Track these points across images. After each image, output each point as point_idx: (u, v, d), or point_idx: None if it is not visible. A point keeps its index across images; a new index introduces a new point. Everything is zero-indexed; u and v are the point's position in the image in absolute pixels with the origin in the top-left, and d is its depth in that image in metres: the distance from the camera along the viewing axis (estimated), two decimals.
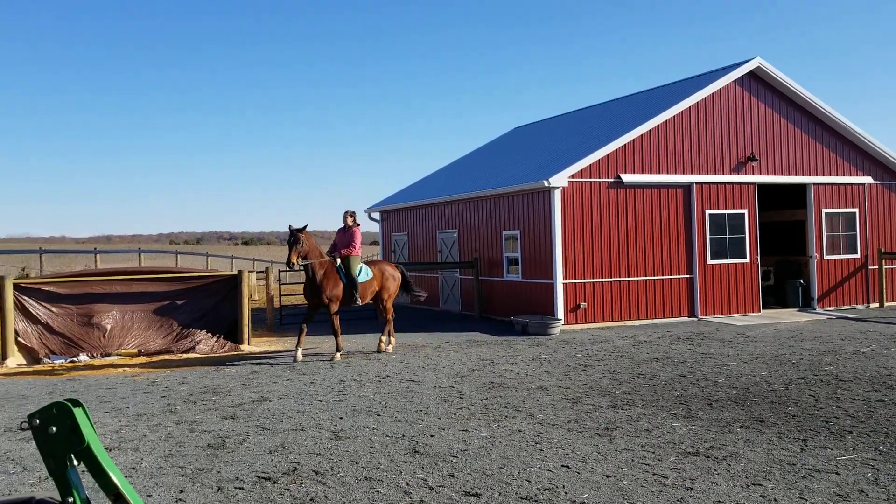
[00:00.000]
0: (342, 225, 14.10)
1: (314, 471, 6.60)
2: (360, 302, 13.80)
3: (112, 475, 2.54)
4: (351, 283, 13.64)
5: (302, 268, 13.35)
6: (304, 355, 13.53)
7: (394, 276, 14.66)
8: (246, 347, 15.12)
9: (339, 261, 13.68)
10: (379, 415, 8.82)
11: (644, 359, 12.74)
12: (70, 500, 2.54)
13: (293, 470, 6.64)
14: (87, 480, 2.81)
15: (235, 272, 15.82)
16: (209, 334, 14.94)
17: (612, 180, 17.72)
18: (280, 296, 20.81)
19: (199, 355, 14.36)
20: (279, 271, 19.98)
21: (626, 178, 17.77)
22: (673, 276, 18.37)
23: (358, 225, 14.13)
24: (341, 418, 8.67)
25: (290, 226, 13.13)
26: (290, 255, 12.99)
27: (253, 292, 24.79)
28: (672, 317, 18.37)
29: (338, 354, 13.48)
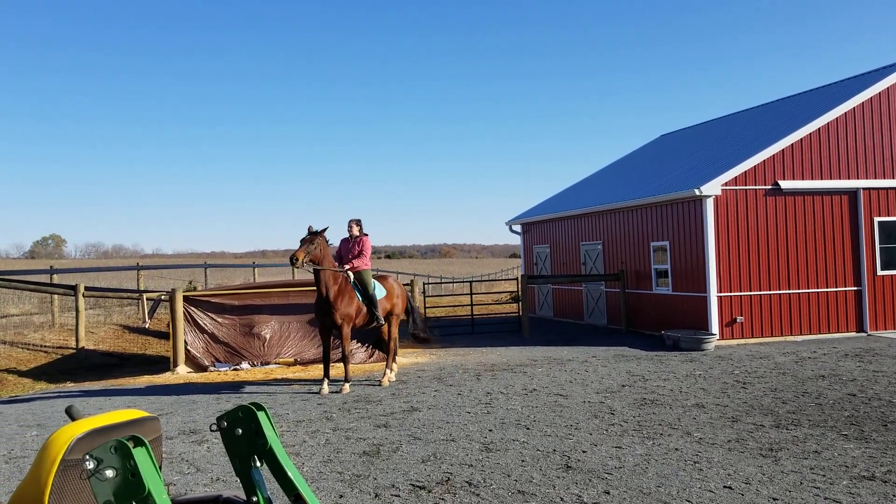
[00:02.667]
0: (346, 235, 12.47)
1: (467, 482, 6.63)
2: (381, 321, 12.25)
3: (292, 477, 2.64)
4: (369, 301, 12.07)
5: (311, 272, 11.57)
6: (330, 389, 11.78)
7: (403, 295, 13.19)
8: None
9: (352, 276, 12.02)
10: (528, 428, 8.75)
11: (808, 376, 11.95)
12: (254, 499, 2.67)
13: (446, 480, 6.69)
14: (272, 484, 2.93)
15: None
16: (360, 345, 15.40)
17: (769, 187, 16.82)
18: (425, 308, 21.16)
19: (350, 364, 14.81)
20: (423, 284, 20.34)
21: (785, 184, 16.82)
22: (838, 289, 17.17)
23: (366, 234, 12.43)
24: (490, 430, 8.67)
25: (310, 227, 11.48)
26: (297, 251, 11.08)
27: None
28: (837, 332, 17.17)
29: (346, 386, 11.74)
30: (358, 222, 12.39)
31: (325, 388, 11.60)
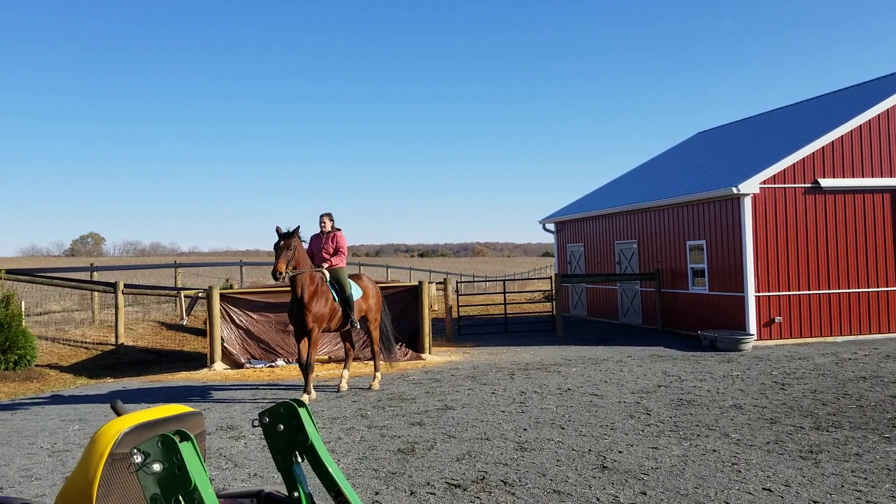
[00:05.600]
0: (318, 231, 11.66)
1: (502, 481, 6.62)
2: (356, 324, 11.52)
3: (333, 473, 2.66)
4: (345, 302, 11.31)
5: (288, 281, 10.59)
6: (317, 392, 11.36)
7: (378, 296, 12.40)
8: (427, 356, 15.50)
9: (328, 274, 11.28)
10: (563, 428, 8.71)
11: (849, 378, 11.73)
12: (295, 494, 2.69)
13: (481, 479, 6.69)
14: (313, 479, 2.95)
15: (416, 283, 16.26)
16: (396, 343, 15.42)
17: (808, 185, 16.54)
18: (458, 306, 21.16)
19: (384, 362, 14.86)
20: (456, 282, 20.33)
21: (825, 182, 16.52)
22: (880, 289, 16.83)
23: (339, 229, 11.64)
24: (525, 429, 8.65)
25: (277, 227, 10.38)
26: (277, 263, 10.11)
27: (433, 303, 25.41)
28: (879, 332, 16.83)
29: (305, 396, 10.79)
30: (330, 216, 11.63)
31: (313, 393, 10.98)
